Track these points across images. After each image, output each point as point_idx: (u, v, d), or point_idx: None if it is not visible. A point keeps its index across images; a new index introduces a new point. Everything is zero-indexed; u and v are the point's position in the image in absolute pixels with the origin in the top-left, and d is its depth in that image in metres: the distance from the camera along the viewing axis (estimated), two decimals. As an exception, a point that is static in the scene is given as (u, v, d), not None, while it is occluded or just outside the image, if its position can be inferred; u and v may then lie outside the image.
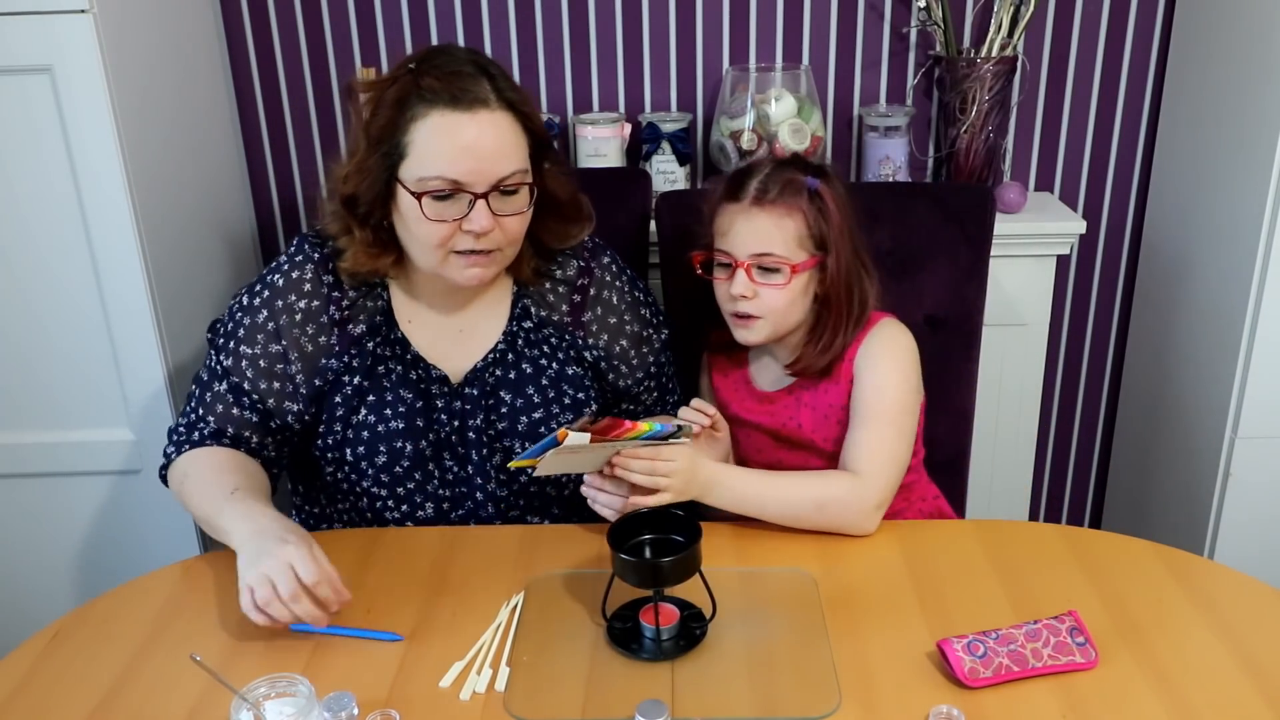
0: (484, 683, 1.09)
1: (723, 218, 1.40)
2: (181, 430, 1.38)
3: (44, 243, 1.69)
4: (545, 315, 1.43)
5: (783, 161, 1.42)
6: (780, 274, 1.37)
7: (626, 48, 2.09)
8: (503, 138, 1.25)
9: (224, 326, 1.39)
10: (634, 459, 1.26)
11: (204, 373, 1.39)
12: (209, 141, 2.00)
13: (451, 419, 1.38)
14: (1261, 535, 1.91)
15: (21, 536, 1.88)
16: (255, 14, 2.08)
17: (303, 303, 1.36)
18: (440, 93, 1.23)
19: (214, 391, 1.37)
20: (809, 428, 1.45)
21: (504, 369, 1.40)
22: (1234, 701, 1.04)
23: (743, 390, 1.51)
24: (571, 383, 1.42)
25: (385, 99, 1.26)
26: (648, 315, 1.51)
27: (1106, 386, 2.35)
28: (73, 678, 1.13)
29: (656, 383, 1.52)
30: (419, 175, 1.25)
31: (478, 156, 1.24)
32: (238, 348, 1.36)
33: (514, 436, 1.39)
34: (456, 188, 1.24)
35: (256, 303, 1.37)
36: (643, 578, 1.13)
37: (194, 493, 1.31)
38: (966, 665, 1.06)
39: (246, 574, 1.13)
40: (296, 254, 1.38)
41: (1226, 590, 1.23)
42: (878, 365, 1.40)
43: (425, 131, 1.24)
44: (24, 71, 1.59)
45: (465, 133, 1.23)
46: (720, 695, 1.08)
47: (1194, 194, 1.98)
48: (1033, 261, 1.99)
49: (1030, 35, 2.06)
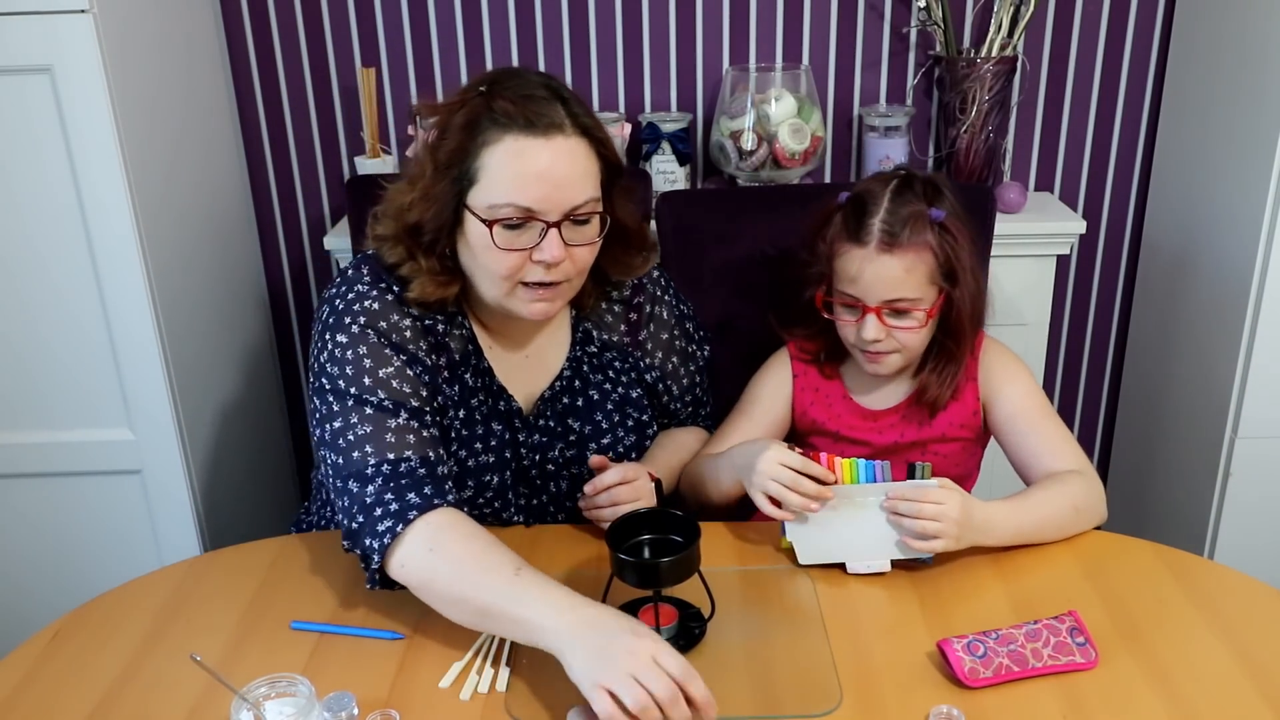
0: (484, 683, 1.09)
1: (846, 261, 1.34)
2: (379, 508, 1.15)
3: (44, 243, 1.69)
4: (606, 338, 1.39)
5: (899, 187, 1.34)
6: (913, 316, 1.33)
7: (626, 48, 2.09)
8: (577, 165, 1.19)
9: (338, 373, 1.22)
10: (901, 501, 1.21)
11: (355, 422, 1.19)
12: (209, 141, 2.00)
13: (532, 451, 1.34)
14: (1261, 535, 1.91)
15: (21, 536, 1.88)
16: (255, 14, 2.08)
17: (406, 321, 1.25)
18: (515, 116, 1.17)
19: (390, 430, 1.19)
20: (922, 444, 1.43)
21: (571, 396, 1.36)
22: (1234, 701, 1.04)
23: (840, 406, 1.46)
24: (635, 405, 1.39)
25: (454, 123, 1.20)
26: (692, 330, 1.48)
27: (1106, 386, 2.35)
28: (73, 678, 1.13)
29: (693, 397, 1.50)
30: (490, 202, 1.18)
31: (552, 184, 1.17)
32: (377, 371, 1.21)
33: (583, 464, 1.35)
34: (529, 216, 1.18)
35: (357, 330, 1.23)
36: (641, 578, 1.13)
37: (456, 575, 1.12)
38: (966, 665, 1.06)
39: (604, 675, 0.98)
40: (376, 280, 1.26)
41: (1226, 590, 1.23)
42: (1013, 377, 1.41)
43: (498, 157, 1.17)
44: (24, 71, 1.59)
45: (540, 159, 1.17)
46: (720, 694, 1.07)
47: (1194, 194, 1.98)
48: (1033, 261, 1.99)
49: (1030, 35, 2.06)
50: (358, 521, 1.16)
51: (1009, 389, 1.40)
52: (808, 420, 1.48)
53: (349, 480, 1.18)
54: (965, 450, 1.46)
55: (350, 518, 1.17)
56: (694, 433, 1.52)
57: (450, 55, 2.10)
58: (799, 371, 1.49)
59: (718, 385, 1.57)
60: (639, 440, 1.40)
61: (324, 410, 1.22)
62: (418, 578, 1.13)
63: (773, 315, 1.51)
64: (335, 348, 1.23)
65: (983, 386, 1.41)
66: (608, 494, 1.29)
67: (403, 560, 1.13)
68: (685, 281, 1.58)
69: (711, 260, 1.71)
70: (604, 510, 1.29)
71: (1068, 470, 1.33)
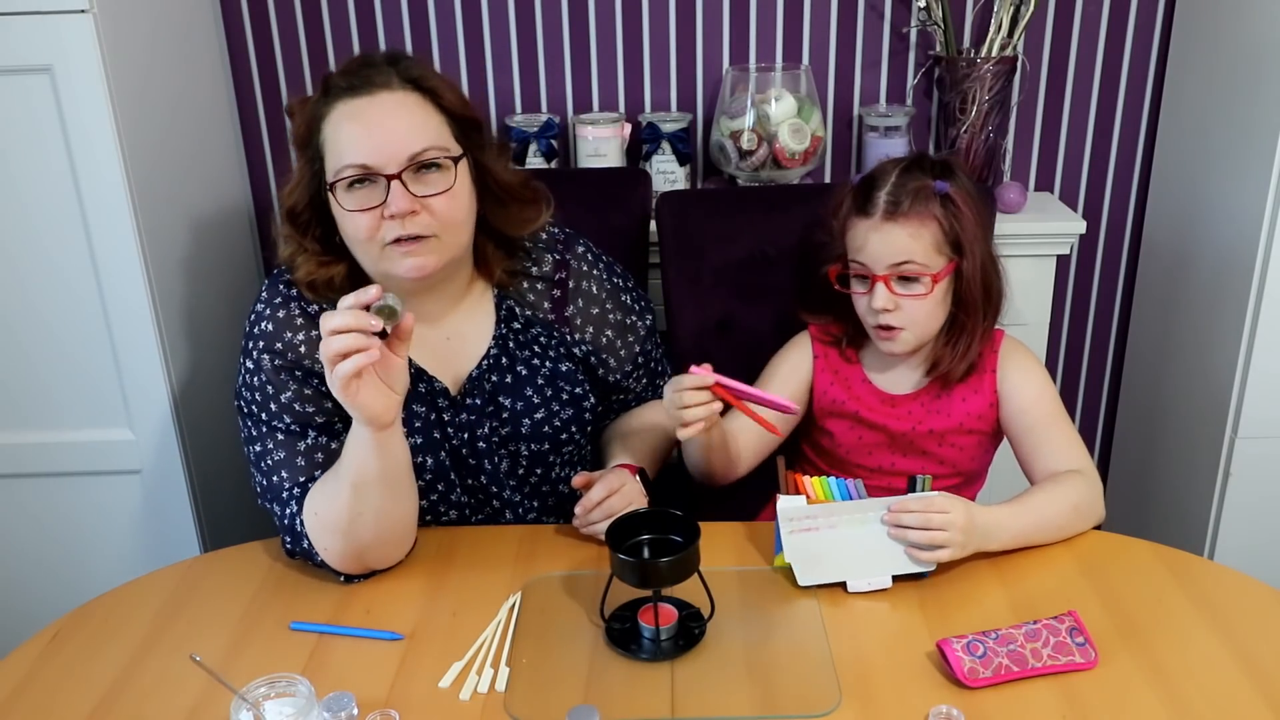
0: (484, 683, 1.09)
1: (855, 233, 1.39)
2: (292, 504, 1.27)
3: (44, 242, 1.69)
4: (530, 314, 1.41)
5: (908, 165, 1.39)
6: (921, 284, 1.35)
7: (626, 48, 2.09)
8: (409, 115, 1.24)
9: (250, 398, 1.31)
10: (905, 514, 1.22)
11: (271, 447, 1.29)
12: (209, 141, 2.00)
13: (460, 430, 1.37)
14: (1261, 535, 1.91)
15: (21, 536, 1.88)
16: (255, 14, 2.08)
17: (299, 335, 1.30)
18: (342, 86, 1.24)
19: (300, 453, 1.28)
20: (939, 433, 1.44)
21: (499, 374, 1.38)
22: (1234, 702, 1.04)
23: (859, 389, 1.48)
24: (566, 379, 1.41)
25: (305, 108, 1.28)
26: (629, 301, 1.48)
27: (1106, 386, 2.35)
28: (73, 678, 1.13)
29: (645, 370, 1.51)
30: (335, 169, 1.23)
31: (382, 136, 1.21)
32: (278, 397, 1.29)
33: (519, 440, 1.38)
34: (366, 171, 1.21)
35: (256, 355, 1.30)
36: (641, 578, 1.13)
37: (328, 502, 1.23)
38: (966, 665, 1.06)
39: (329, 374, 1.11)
40: (273, 296, 1.32)
41: (1226, 590, 1.23)
42: (1030, 374, 1.42)
43: (332, 125, 1.24)
44: (24, 71, 1.59)
45: (365, 114, 1.23)
46: (720, 695, 1.08)
47: (1194, 194, 1.98)
48: (1033, 261, 1.99)
49: (1030, 35, 2.06)
50: (289, 537, 1.27)
51: (1025, 386, 1.42)
52: (828, 399, 1.49)
53: (273, 503, 1.29)
54: (980, 445, 1.47)
55: (284, 532, 1.28)
56: (655, 408, 1.51)
57: (450, 55, 2.10)
58: (819, 353, 1.51)
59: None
60: (576, 414, 1.41)
61: (245, 433, 1.32)
62: (328, 537, 1.23)
63: (798, 303, 1.54)
64: (245, 373, 1.32)
65: (1000, 381, 1.43)
66: (600, 509, 1.29)
67: (324, 546, 1.24)
68: (685, 281, 1.58)
69: (711, 260, 1.71)
70: (600, 525, 1.29)
71: (1068, 470, 1.34)
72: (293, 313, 1.30)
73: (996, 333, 1.45)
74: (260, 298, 1.33)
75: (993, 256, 1.41)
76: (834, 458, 1.51)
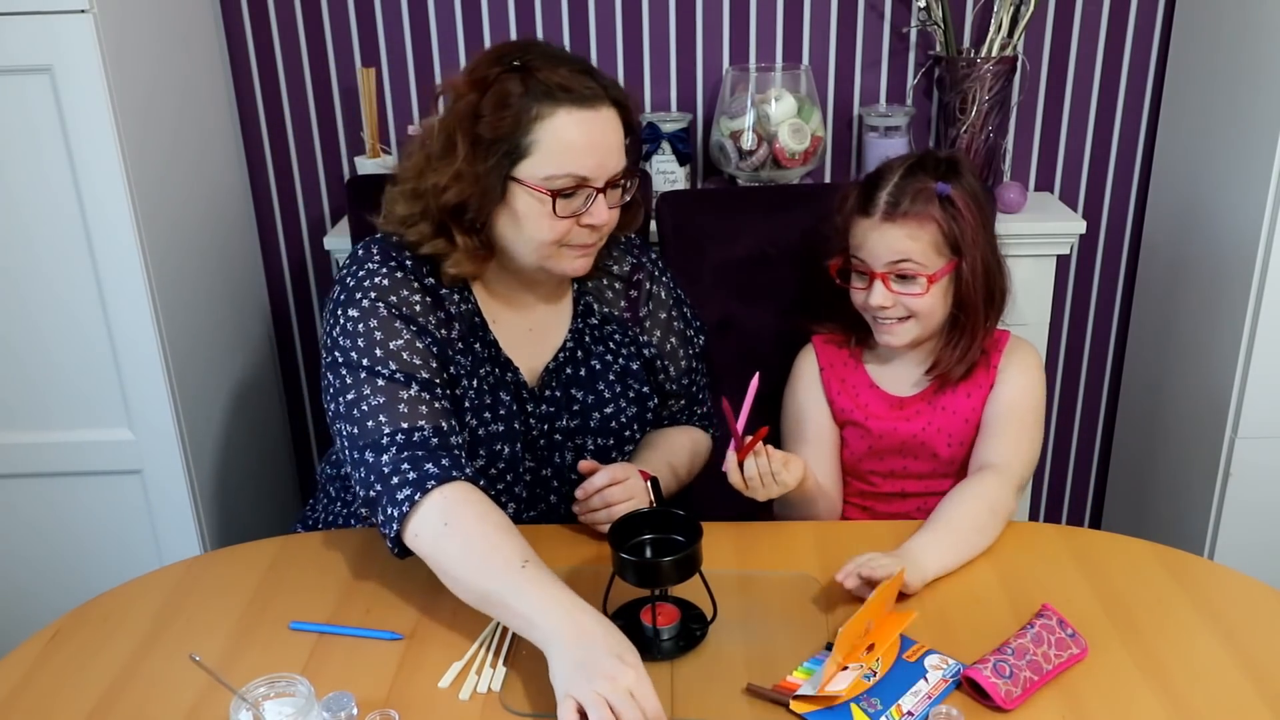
0: (484, 682, 1.09)
1: (856, 230, 1.41)
2: (395, 476, 1.17)
3: (44, 243, 1.69)
4: (607, 311, 1.42)
5: (913, 165, 1.40)
6: (917, 283, 1.37)
7: (626, 48, 2.09)
8: (617, 134, 1.26)
9: (349, 346, 1.24)
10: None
11: (368, 393, 1.21)
12: (209, 141, 2.00)
13: (540, 421, 1.36)
14: (1261, 535, 1.91)
15: (22, 536, 1.88)
16: (255, 14, 2.08)
17: (416, 297, 1.28)
18: (563, 90, 1.21)
19: (403, 401, 1.21)
20: (945, 433, 1.45)
21: (574, 367, 1.39)
22: (1234, 702, 1.04)
23: (866, 395, 1.48)
24: (635, 377, 1.42)
25: (492, 99, 1.22)
26: (690, 315, 1.51)
27: (1106, 386, 2.35)
28: (73, 677, 1.13)
29: (688, 392, 1.51)
30: (547, 173, 1.22)
31: (604, 153, 1.24)
32: (388, 343, 1.23)
33: (587, 434, 1.39)
34: (582, 184, 1.23)
35: (368, 303, 1.25)
36: (643, 577, 1.13)
37: (464, 555, 1.13)
38: (1003, 690, 1.03)
39: (576, 687, 0.98)
40: (386, 259, 1.29)
41: (1226, 590, 1.23)
42: (1024, 375, 1.43)
43: (552, 129, 1.21)
44: (24, 71, 1.59)
45: (593, 130, 1.23)
46: (720, 695, 1.07)
47: (1194, 194, 1.98)
48: (1033, 261, 1.99)
49: (1030, 35, 2.06)
50: (375, 490, 1.18)
51: (1012, 383, 1.43)
52: (835, 409, 1.50)
53: (365, 450, 1.20)
54: None
55: (368, 487, 1.19)
56: (687, 432, 1.52)
57: (450, 55, 2.10)
58: (825, 364, 1.52)
59: (717, 385, 1.57)
60: (640, 412, 1.42)
61: (337, 384, 1.24)
62: (429, 550, 1.15)
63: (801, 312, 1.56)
64: (347, 321, 1.25)
65: (998, 375, 1.44)
66: (600, 496, 1.30)
67: (417, 530, 1.15)
68: (685, 281, 1.57)
69: (711, 260, 1.71)
70: (598, 514, 1.30)
71: (985, 468, 1.37)
72: (409, 278, 1.29)
73: (1003, 333, 1.45)
74: (368, 258, 1.29)
75: (996, 257, 1.42)
76: (846, 467, 1.52)
